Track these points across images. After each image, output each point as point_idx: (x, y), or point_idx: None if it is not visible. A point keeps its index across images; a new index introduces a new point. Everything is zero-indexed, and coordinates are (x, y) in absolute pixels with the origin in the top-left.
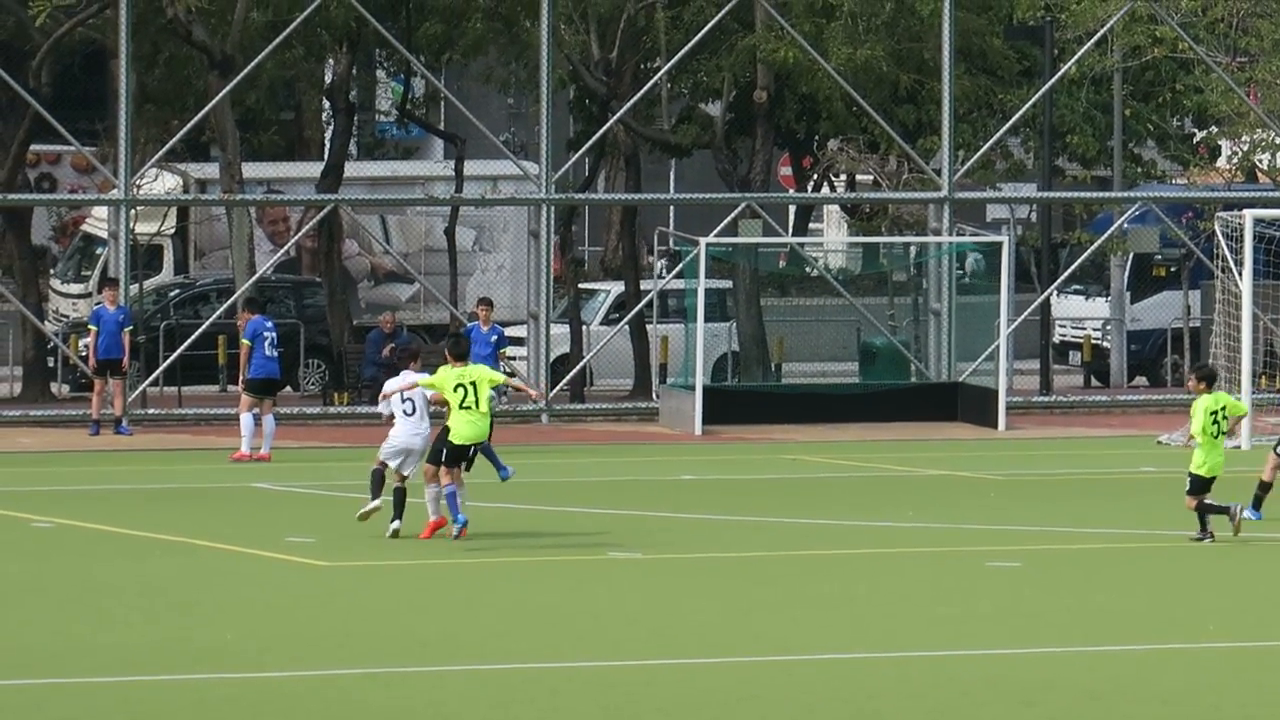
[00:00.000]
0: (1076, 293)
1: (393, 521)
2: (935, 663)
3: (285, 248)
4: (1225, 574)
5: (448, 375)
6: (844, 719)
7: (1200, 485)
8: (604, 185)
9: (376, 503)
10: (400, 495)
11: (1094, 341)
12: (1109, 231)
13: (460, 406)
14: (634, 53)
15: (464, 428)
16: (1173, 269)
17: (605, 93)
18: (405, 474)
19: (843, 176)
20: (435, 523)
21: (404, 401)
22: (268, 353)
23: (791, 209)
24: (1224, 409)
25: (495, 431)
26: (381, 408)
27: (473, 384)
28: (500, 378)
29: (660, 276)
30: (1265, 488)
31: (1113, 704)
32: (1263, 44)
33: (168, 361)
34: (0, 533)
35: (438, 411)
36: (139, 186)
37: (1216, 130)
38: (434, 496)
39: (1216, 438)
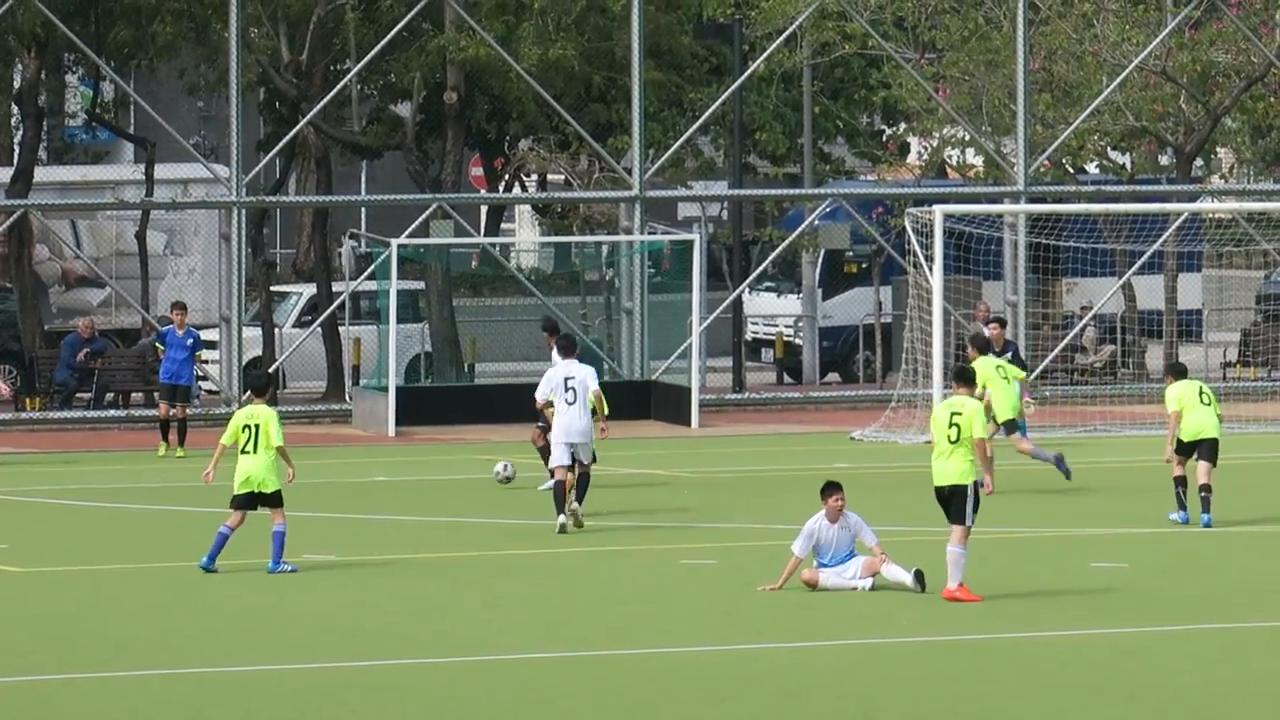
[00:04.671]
0: (768, 290)
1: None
2: (631, 661)
3: None
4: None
5: None
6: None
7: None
8: (295, 187)
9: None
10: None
11: (786, 338)
12: (800, 228)
13: None
14: (324, 54)
15: None
16: (864, 265)
17: (295, 95)
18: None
19: (534, 176)
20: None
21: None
22: None
23: (483, 209)
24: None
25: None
26: None
27: None
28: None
29: (351, 278)
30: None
31: (809, 700)
32: (951, 39)
33: None
34: None
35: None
36: None
37: (906, 127)
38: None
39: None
